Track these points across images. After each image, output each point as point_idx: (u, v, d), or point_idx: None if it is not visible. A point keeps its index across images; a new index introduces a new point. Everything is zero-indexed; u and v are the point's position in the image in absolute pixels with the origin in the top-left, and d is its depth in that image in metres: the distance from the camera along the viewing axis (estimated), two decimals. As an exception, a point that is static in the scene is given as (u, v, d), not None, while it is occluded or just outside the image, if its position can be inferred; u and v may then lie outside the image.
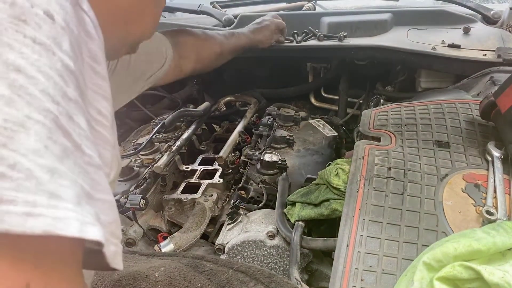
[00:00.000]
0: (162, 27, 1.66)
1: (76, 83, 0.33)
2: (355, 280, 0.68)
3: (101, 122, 0.39)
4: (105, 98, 0.41)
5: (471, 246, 0.58)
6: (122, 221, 1.12)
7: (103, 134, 0.40)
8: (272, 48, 1.46)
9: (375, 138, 1.01)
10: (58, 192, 0.28)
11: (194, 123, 1.52)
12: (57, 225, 0.26)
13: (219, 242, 1.02)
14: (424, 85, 1.42)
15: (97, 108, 0.39)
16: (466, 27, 1.38)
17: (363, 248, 0.72)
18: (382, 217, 0.77)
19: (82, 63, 0.36)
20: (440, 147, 0.93)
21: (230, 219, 1.08)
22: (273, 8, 1.70)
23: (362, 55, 1.43)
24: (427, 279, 0.58)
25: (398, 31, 1.45)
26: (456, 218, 0.75)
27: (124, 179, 1.25)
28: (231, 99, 1.76)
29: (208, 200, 1.14)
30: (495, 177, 0.81)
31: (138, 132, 1.67)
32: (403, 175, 0.85)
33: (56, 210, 0.27)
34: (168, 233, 1.13)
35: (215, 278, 0.74)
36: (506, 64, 1.21)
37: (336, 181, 0.92)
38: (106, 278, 0.74)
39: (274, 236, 0.97)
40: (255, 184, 1.17)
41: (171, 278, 0.74)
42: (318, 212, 0.92)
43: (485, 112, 0.94)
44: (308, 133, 1.46)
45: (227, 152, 1.30)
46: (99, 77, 0.40)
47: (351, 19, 1.48)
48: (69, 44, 0.33)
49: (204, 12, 1.65)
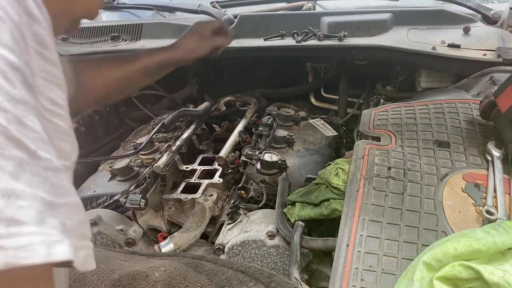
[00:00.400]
0: (162, 27, 1.67)
1: (22, 78, 0.31)
2: (355, 279, 0.68)
3: (56, 112, 0.37)
4: (58, 85, 0.38)
5: (471, 246, 0.58)
6: (122, 221, 1.12)
7: (60, 125, 0.38)
8: (273, 48, 1.46)
9: (375, 138, 1.00)
10: (17, 216, 0.26)
11: (194, 123, 1.52)
12: (21, 255, 0.25)
13: (219, 242, 1.02)
14: (424, 85, 1.42)
15: (49, 97, 0.37)
16: (466, 27, 1.38)
17: (363, 247, 0.72)
18: (382, 216, 0.77)
19: (27, 51, 0.34)
20: (440, 147, 0.93)
21: (230, 219, 1.08)
22: (273, 8, 1.70)
23: (362, 55, 1.43)
24: (427, 278, 0.58)
25: (398, 31, 1.45)
26: (456, 218, 0.75)
27: (124, 179, 1.25)
28: (231, 99, 1.76)
29: (208, 200, 1.14)
30: (495, 177, 0.81)
31: (138, 132, 1.67)
32: (403, 175, 0.85)
33: (18, 238, 0.26)
34: (168, 233, 1.13)
35: (215, 278, 0.74)
36: (506, 64, 1.21)
37: (336, 181, 0.92)
38: (105, 278, 0.74)
39: (274, 236, 0.97)
40: (255, 184, 1.17)
41: (171, 278, 0.74)
42: (318, 212, 0.92)
43: (485, 112, 0.94)
44: (308, 133, 1.46)
45: (227, 152, 1.30)
46: (48, 63, 0.37)
47: (351, 19, 1.48)
48: (9, 34, 0.30)
49: (204, 12, 1.65)
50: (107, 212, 1.12)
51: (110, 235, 1.04)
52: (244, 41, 1.50)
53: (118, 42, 1.68)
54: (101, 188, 1.25)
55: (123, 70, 0.99)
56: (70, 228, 0.31)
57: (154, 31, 1.67)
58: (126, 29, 1.70)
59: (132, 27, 1.70)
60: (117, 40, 1.69)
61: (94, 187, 1.26)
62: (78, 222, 0.34)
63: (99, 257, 0.81)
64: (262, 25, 1.54)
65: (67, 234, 0.30)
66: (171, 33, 1.63)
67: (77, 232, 0.33)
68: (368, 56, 1.42)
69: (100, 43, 1.71)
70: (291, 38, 1.48)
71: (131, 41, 1.67)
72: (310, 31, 1.47)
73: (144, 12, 1.92)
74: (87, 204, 1.25)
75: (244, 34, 1.54)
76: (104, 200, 1.23)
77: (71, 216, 0.33)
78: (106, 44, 1.68)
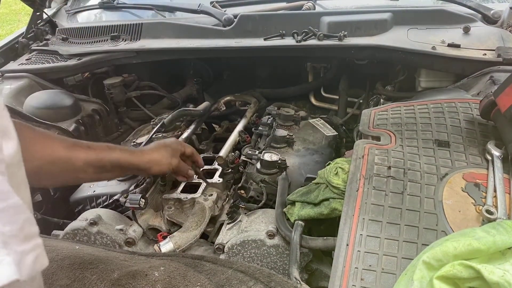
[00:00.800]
0: (162, 27, 1.67)
1: None
2: (355, 279, 0.67)
3: None
4: None
5: (471, 245, 0.58)
6: (122, 220, 1.11)
7: None
8: (273, 48, 1.46)
9: (375, 137, 1.00)
10: None
11: (194, 122, 1.52)
12: None
13: (219, 241, 1.02)
14: (424, 84, 1.42)
15: None
16: (466, 27, 1.38)
17: (363, 247, 0.72)
18: (382, 216, 0.77)
19: None
20: (440, 146, 0.93)
21: (230, 218, 1.08)
22: (273, 8, 1.70)
23: (362, 54, 1.43)
24: (427, 278, 0.58)
25: (398, 31, 1.45)
26: (456, 217, 0.75)
27: (124, 178, 1.25)
28: (231, 99, 1.76)
29: (208, 200, 1.14)
30: (495, 176, 0.81)
31: (138, 131, 1.68)
32: (403, 174, 0.85)
33: None
34: (168, 232, 1.13)
35: (214, 277, 0.74)
36: (506, 63, 1.21)
37: (336, 180, 0.92)
38: (105, 277, 0.74)
39: (274, 236, 0.96)
40: (255, 183, 1.17)
41: (171, 278, 0.73)
42: (318, 212, 0.92)
43: (485, 111, 0.94)
44: (308, 133, 1.46)
45: (227, 151, 1.30)
46: None
47: (351, 19, 1.48)
48: None
49: (204, 11, 1.65)
50: (106, 212, 1.12)
51: (110, 234, 1.04)
52: (244, 41, 1.50)
53: (118, 42, 1.68)
54: (101, 187, 1.25)
55: (74, 152, 0.84)
56: (12, 234, 0.30)
57: (154, 31, 1.67)
58: (126, 29, 1.70)
59: (132, 27, 1.70)
60: (117, 40, 1.69)
61: (94, 187, 1.26)
62: (21, 223, 0.33)
63: (99, 256, 0.81)
64: (262, 25, 1.54)
65: (8, 244, 0.29)
66: (171, 33, 1.63)
67: (20, 236, 0.32)
68: (368, 56, 1.42)
69: (100, 43, 1.71)
70: (291, 38, 1.48)
71: (131, 41, 1.67)
72: (310, 31, 1.47)
73: (144, 12, 1.92)
74: (87, 203, 1.25)
75: (244, 34, 1.54)
76: (104, 200, 1.23)
77: (12, 220, 0.32)
78: (106, 44, 1.68)
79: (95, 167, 0.88)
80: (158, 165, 0.97)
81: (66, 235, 1.06)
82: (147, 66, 1.76)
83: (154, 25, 1.68)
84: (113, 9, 1.93)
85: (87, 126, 1.58)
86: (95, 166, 0.87)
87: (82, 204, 1.27)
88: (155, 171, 0.99)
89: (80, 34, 1.78)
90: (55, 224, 1.28)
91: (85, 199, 1.25)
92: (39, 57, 1.74)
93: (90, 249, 0.87)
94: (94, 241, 1.04)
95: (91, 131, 1.62)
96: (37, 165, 0.80)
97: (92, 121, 1.62)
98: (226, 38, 1.55)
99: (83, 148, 0.87)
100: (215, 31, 1.58)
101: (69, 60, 1.66)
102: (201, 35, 1.58)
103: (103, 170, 0.90)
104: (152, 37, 1.66)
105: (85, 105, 1.64)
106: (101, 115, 1.68)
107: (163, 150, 1.00)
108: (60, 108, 1.52)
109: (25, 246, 0.32)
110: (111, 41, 1.69)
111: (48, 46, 1.79)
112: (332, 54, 1.57)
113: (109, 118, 1.73)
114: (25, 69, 1.65)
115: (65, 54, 1.67)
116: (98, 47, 1.67)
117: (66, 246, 0.85)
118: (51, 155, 0.82)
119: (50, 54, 1.74)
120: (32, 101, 1.48)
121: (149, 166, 0.96)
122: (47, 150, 0.81)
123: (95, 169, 0.88)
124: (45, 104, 1.49)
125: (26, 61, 1.73)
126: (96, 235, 1.04)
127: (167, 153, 0.99)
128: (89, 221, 1.04)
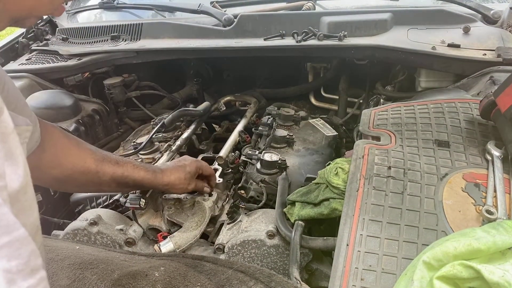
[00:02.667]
0: (162, 27, 1.67)
1: None
2: (355, 279, 0.67)
3: None
4: None
5: (471, 245, 0.58)
6: (122, 220, 1.11)
7: None
8: (273, 48, 1.46)
9: (375, 137, 1.00)
10: None
11: (194, 122, 1.52)
12: None
13: (219, 241, 1.02)
14: (424, 84, 1.42)
15: None
16: (466, 27, 1.38)
17: (363, 247, 0.72)
18: (382, 216, 0.77)
19: None
20: (440, 147, 0.93)
21: (230, 218, 1.08)
22: (273, 8, 1.70)
23: (362, 54, 1.43)
24: (427, 278, 0.58)
25: (398, 31, 1.45)
26: (456, 217, 0.75)
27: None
28: (231, 99, 1.76)
29: (208, 200, 1.14)
30: (495, 176, 0.81)
31: (138, 131, 1.68)
32: (403, 174, 0.85)
33: None
34: (168, 232, 1.13)
35: (214, 277, 0.74)
36: (506, 63, 1.21)
37: (336, 181, 0.92)
38: (105, 277, 0.74)
39: (274, 236, 0.96)
40: (255, 183, 1.17)
41: (171, 278, 0.73)
42: (318, 212, 0.92)
43: (485, 111, 0.94)
44: (308, 133, 1.46)
45: (227, 151, 1.30)
46: None
47: (351, 19, 1.48)
48: None
49: (204, 11, 1.65)
50: (107, 212, 1.12)
51: (110, 234, 1.04)
52: (244, 41, 1.50)
53: (118, 42, 1.68)
54: (101, 188, 1.25)
55: (101, 166, 0.89)
56: (18, 270, 0.30)
57: (154, 31, 1.67)
58: (126, 29, 1.71)
59: (132, 27, 1.70)
60: (117, 40, 1.69)
61: (94, 187, 1.26)
62: (27, 255, 0.32)
63: (99, 256, 0.81)
64: (262, 25, 1.54)
65: (14, 281, 0.29)
66: (171, 33, 1.63)
67: (27, 270, 0.32)
68: (368, 56, 1.42)
69: (100, 43, 1.71)
70: (291, 38, 1.48)
71: (131, 41, 1.67)
72: (310, 31, 1.47)
73: (144, 12, 1.92)
74: (87, 203, 1.25)
75: (244, 34, 1.54)
76: (104, 200, 1.23)
77: (17, 254, 0.31)
78: (106, 44, 1.68)
79: (119, 183, 0.94)
80: (174, 188, 1.05)
81: (66, 235, 1.06)
82: (147, 66, 1.76)
83: (154, 25, 1.69)
84: (113, 9, 1.93)
85: (87, 126, 1.58)
86: (119, 182, 0.94)
87: (82, 204, 1.27)
88: (170, 193, 1.08)
89: (80, 34, 1.78)
90: (55, 224, 1.28)
91: (85, 199, 1.25)
92: (39, 57, 1.74)
93: (90, 249, 0.87)
94: (94, 241, 1.04)
95: (91, 131, 1.62)
96: (68, 174, 0.86)
97: (92, 121, 1.62)
98: (226, 38, 1.55)
99: (112, 163, 0.93)
100: (215, 31, 1.58)
101: (69, 60, 1.66)
102: (201, 35, 1.58)
103: (125, 186, 0.98)
104: (152, 37, 1.66)
105: (85, 105, 1.64)
106: (101, 115, 1.68)
107: (182, 173, 1.04)
108: (60, 108, 1.52)
109: (31, 281, 0.32)
110: (111, 41, 1.70)
111: (48, 46, 1.79)
112: (332, 54, 1.57)
113: (109, 118, 1.73)
114: (25, 69, 1.65)
115: (65, 54, 1.67)
116: (98, 47, 1.67)
117: (66, 246, 0.85)
118: (83, 166, 0.87)
119: (50, 54, 1.74)
120: (32, 101, 1.48)
121: (167, 188, 1.04)
122: (79, 161, 0.87)
123: (118, 185, 0.95)
124: (45, 104, 1.49)
125: (26, 61, 1.73)
126: (96, 235, 1.04)
127: (185, 178, 1.04)
128: (89, 221, 1.04)
